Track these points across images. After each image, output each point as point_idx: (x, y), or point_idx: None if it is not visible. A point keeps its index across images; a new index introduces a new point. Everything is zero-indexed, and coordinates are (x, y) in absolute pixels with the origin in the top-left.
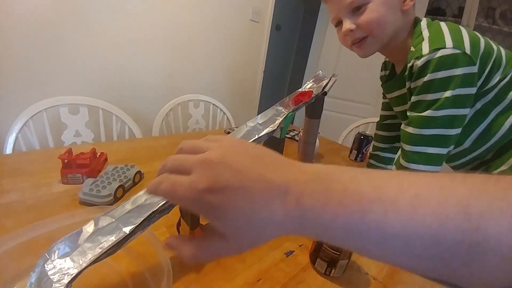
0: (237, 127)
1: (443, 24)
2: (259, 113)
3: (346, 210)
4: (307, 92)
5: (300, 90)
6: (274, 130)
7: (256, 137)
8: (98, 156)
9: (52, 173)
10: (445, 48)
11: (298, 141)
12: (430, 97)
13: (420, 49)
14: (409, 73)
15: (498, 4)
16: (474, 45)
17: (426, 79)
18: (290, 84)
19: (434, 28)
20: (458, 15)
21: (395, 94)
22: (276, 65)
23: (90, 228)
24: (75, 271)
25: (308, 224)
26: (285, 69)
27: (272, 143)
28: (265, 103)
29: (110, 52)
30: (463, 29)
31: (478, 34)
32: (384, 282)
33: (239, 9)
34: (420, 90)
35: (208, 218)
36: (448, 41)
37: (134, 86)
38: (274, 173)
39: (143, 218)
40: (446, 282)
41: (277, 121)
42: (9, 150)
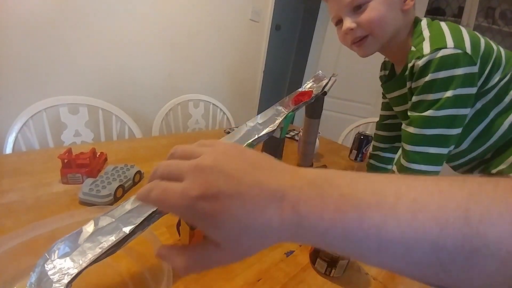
0: (237, 127)
1: (443, 24)
2: (259, 113)
3: (343, 217)
4: (307, 92)
5: (300, 90)
6: (274, 130)
7: (256, 137)
8: (98, 156)
9: (52, 173)
10: (446, 48)
11: (298, 141)
12: (431, 97)
13: (421, 48)
14: (410, 73)
15: (498, 4)
16: (475, 45)
17: (427, 79)
18: (290, 84)
19: (434, 28)
20: (458, 15)
21: (395, 94)
22: (276, 65)
23: (90, 228)
24: (75, 271)
25: (304, 231)
26: (285, 69)
27: (272, 143)
28: (265, 103)
29: (110, 52)
30: (463, 29)
31: (478, 34)
32: (384, 282)
33: (239, 9)
34: (421, 90)
35: (201, 226)
36: (449, 41)
37: (134, 86)
38: (269, 178)
39: (143, 218)
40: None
41: (277, 121)
42: (9, 150)
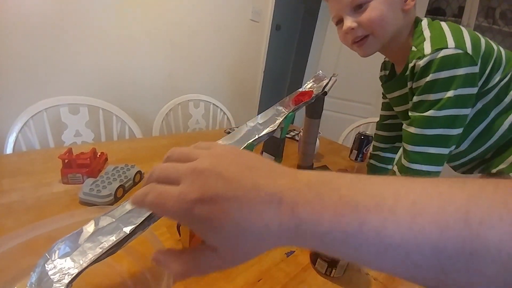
0: (237, 127)
1: (444, 24)
2: (259, 113)
3: (342, 220)
4: (308, 92)
5: (300, 90)
6: (275, 130)
7: (256, 137)
8: (98, 156)
9: (52, 173)
10: (447, 48)
11: (298, 141)
12: (433, 97)
13: (422, 49)
14: (410, 73)
15: (498, 4)
16: (475, 45)
17: (428, 79)
18: (290, 84)
19: (435, 28)
20: (458, 15)
21: (396, 94)
22: (276, 65)
23: (90, 228)
24: (76, 271)
25: (303, 235)
26: (285, 69)
27: (272, 143)
28: (265, 103)
29: (110, 52)
30: (464, 29)
31: (478, 34)
32: (384, 282)
33: (239, 9)
34: (422, 90)
35: (198, 231)
36: (450, 41)
37: (135, 86)
38: (267, 181)
39: (144, 218)
40: None
41: (277, 121)
42: (9, 150)
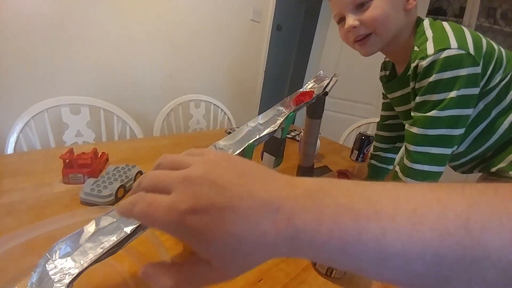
0: (238, 127)
1: (446, 24)
2: (260, 113)
3: (341, 229)
4: (308, 92)
5: (301, 90)
6: (275, 130)
7: (257, 137)
8: (99, 156)
9: (53, 173)
10: (450, 48)
11: (299, 141)
12: (436, 97)
13: (424, 49)
14: (413, 73)
15: (499, 4)
16: (477, 45)
17: (431, 80)
18: (291, 84)
19: (437, 28)
20: (459, 15)
21: (397, 94)
22: (277, 65)
23: (91, 228)
24: (76, 271)
25: (301, 244)
26: (286, 69)
27: (273, 143)
28: (266, 103)
29: (111, 52)
30: (466, 29)
31: (480, 34)
32: (385, 283)
33: (240, 9)
34: (425, 91)
35: (190, 243)
36: (452, 41)
37: (135, 86)
38: (263, 189)
39: None
40: None
41: (278, 121)
42: (10, 150)
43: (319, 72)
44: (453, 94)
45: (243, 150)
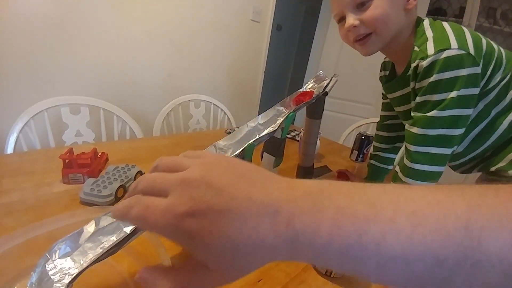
0: (237, 127)
1: (446, 24)
2: (260, 113)
3: (341, 232)
4: (308, 92)
5: (301, 90)
6: (275, 130)
7: (257, 137)
8: (99, 156)
9: (53, 173)
10: (450, 49)
11: (299, 141)
12: (436, 97)
13: (425, 49)
14: (413, 73)
15: (499, 4)
16: (477, 45)
17: (432, 80)
18: (291, 84)
19: (437, 28)
20: (459, 15)
21: (397, 94)
22: (277, 65)
23: (91, 228)
24: (76, 271)
25: (300, 247)
26: (286, 69)
27: (273, 143)
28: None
29: (111, 52)
30: (466, 29)
31: (479, 34)
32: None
33: (240, 9)
34: (425, 91)
35: (188, 247)
36: (452, 41)
37: (135, 86)
38: (261, 191)
39: None
40: None
41: (278, 121)
42: (10, 150)
43: (319, 72)
44: (453, 94)
45: (243, 150)
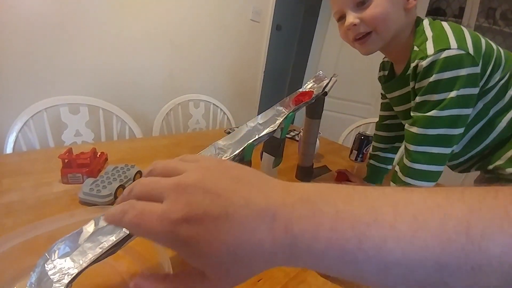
0: (237, 127)
1: (445, 24)
2: (260, 113)
3: (340, 237)
4: (308, 92)
5: (300, 90)
6: (275, 130)
7: (256, 137)
8: (98, 156)
9: (52, 172)
10: (450, 49)
11: (298, 141)
12: (436, 97)
13: (424, 49)
14: (413, 73)
15: (499, 4)
16: (476, 45)
17: (431, 80)
18: (291, 84)
19: (437, 28)
20: (458, 16)
21: (396, 94)
22: (276, 65)
23: (90, 228)
24: (75, 271)
25: (299, 253)
26: (285, 69)
27: (272, 143)
28: (265, 103)
29: (110, 52)
30: (465, 29)
31: (479, 34)
32: None
33: (240, 9)
34: (425, 91)
35: (183, 254)
36: (452, 41)
37: (135, 86)
38: (259, 196)
39: None
40: None
41: (277, 121)
42: (9, 149)
43: (319, 72)
44: (453, 94)
45: (243, 150)
